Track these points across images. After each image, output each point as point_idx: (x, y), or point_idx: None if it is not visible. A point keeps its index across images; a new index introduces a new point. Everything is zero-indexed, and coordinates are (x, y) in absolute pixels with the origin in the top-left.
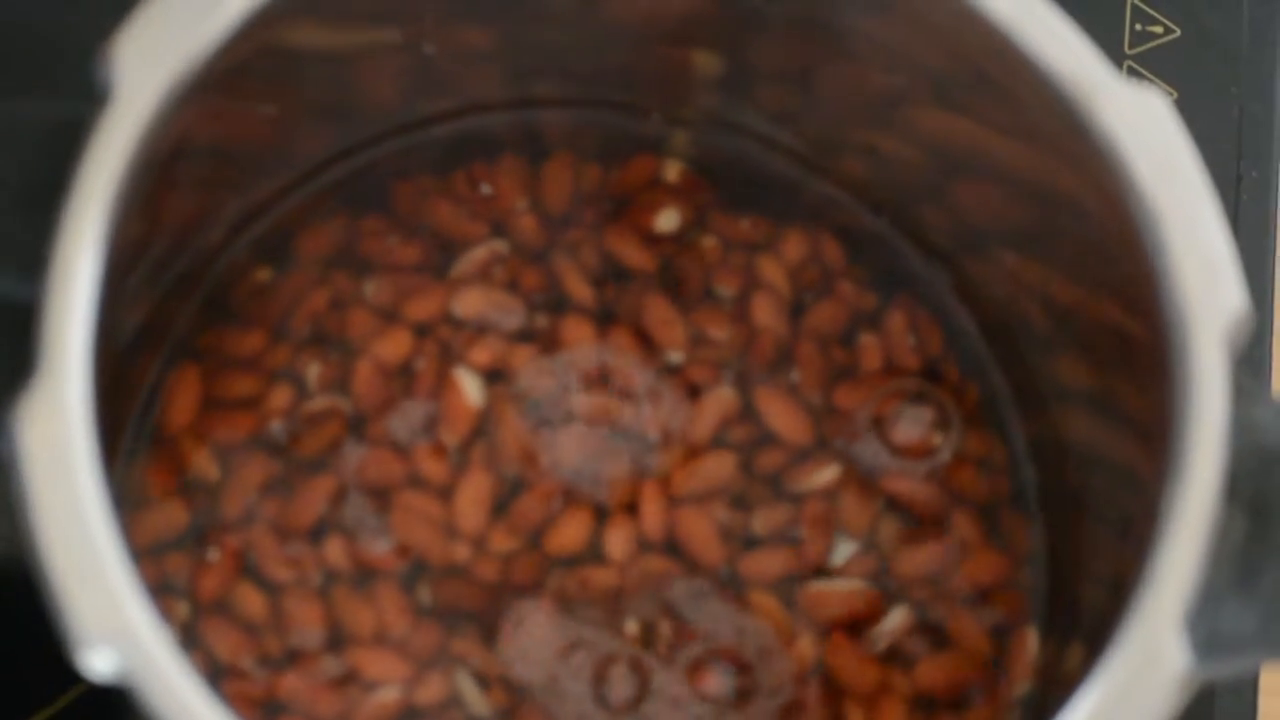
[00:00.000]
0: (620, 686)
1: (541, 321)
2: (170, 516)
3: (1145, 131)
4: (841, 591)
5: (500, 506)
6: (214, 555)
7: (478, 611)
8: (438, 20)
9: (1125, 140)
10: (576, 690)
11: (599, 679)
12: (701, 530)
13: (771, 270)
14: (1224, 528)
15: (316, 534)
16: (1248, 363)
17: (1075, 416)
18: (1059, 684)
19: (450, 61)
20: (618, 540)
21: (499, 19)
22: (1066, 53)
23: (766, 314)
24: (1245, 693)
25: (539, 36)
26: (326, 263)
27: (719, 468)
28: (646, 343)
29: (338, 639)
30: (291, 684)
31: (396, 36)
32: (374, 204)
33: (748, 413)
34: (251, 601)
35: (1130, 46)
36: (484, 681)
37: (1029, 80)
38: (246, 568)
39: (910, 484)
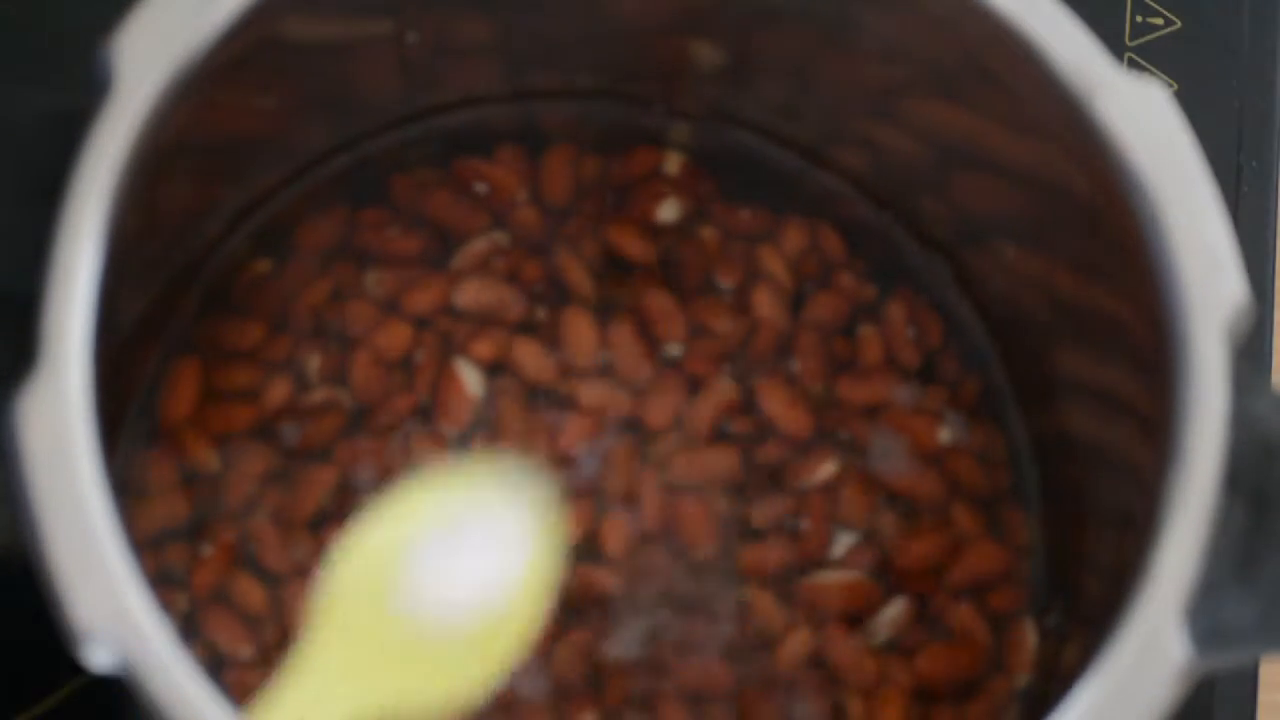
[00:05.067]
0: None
1: (542, 313)
2: (170, 507)
3: (1146, 123)
4: (841, 583)
5: None
6: (213, 547)
7: None
8: (436, 12)
9: (1126, 132)
10: (573, 684)
11: (597, 671)
12: (700, 522)
13: (772, 262)
14: (1224, 519)
15: (316, 525)
16: (1248, 354)
17: (1075, 408)
18: (1059, 675)
19: (450, 53)
20: (615, 531)
21: (499, 10)
22: (1067, 45)
23: (767, 305)
24: (1245, 685)
25: (539, 28)
26: (326, 255)
27: (719, 460)
28: (647, 334)
29: None
30: None
31: (395, 29)
32: (374, 196)
33: (748, 404)
34: (251, 592)
35: (1131, 38)
36: None
37: (1030, 72)
38: (246, 559)
39: (910, 476)
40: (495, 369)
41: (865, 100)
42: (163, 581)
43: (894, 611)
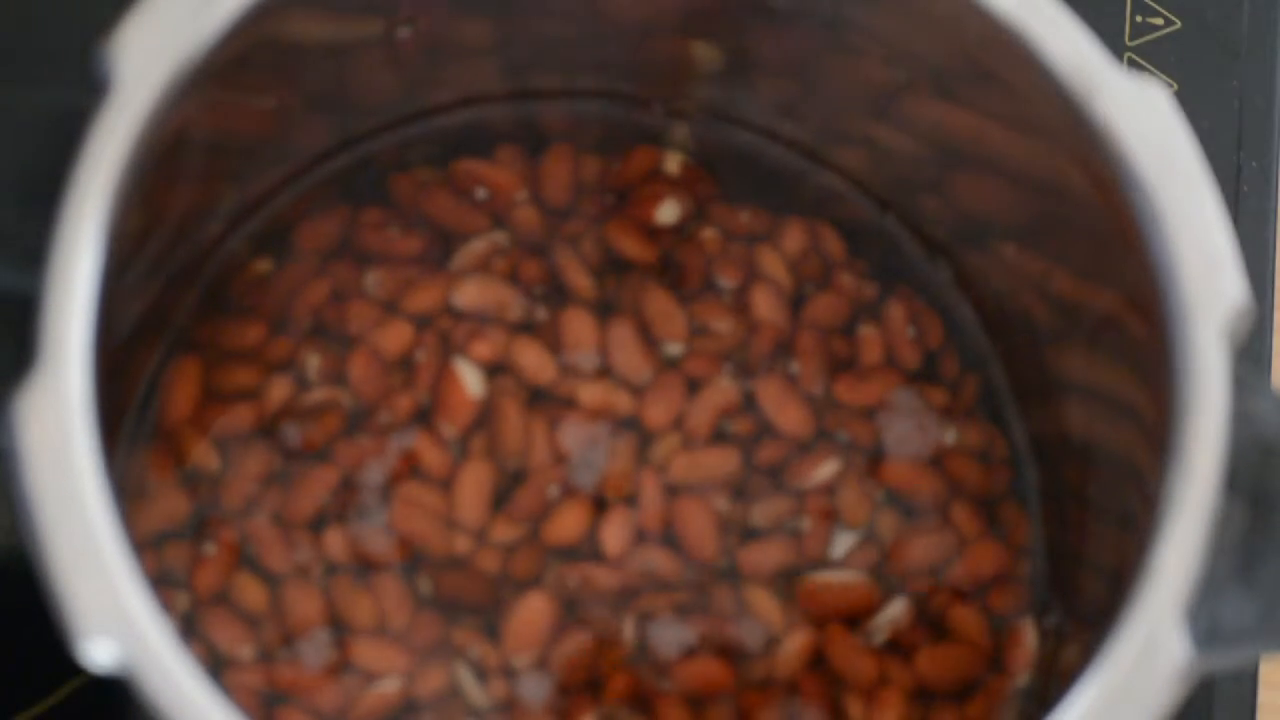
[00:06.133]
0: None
1: (542, 313)
2: (170, 507)
3: (1145, 123)
4: (840, 583)
5: (500, 498)
6: (213, 546)
7: (478, 603)
8: (435, 11)
9: (1125, 132)
10: (573, 684)
11: (596, 670)
12: (700, 522)
13: (772, 262)
14: (1224, 519)
15: (317, 525)
16: (1248, 354)
17: (1075, 408)
18: (1059, 675)
19: (449, 53)
20: (615, 531)
21: (498, 11)
22: (1067, 45)
23: (766, 306)
24: (1245, 684)
25: (538, 28)
26: (326, 255)
27: (719, 460)
28: (647, 334)
29: (338, 630)
30: (292, 675)
31: (395, 29)
32: (373, 196)
33: (748, 404)
34: (251, 592)
35: (1131, 38)
36: (483, 673)
37: (1029, 72)
38: (246, 559)
39: (910, 476)
40: (495, 369)
41: (865, 100)
42: (163, 581)
43: (894, 611)
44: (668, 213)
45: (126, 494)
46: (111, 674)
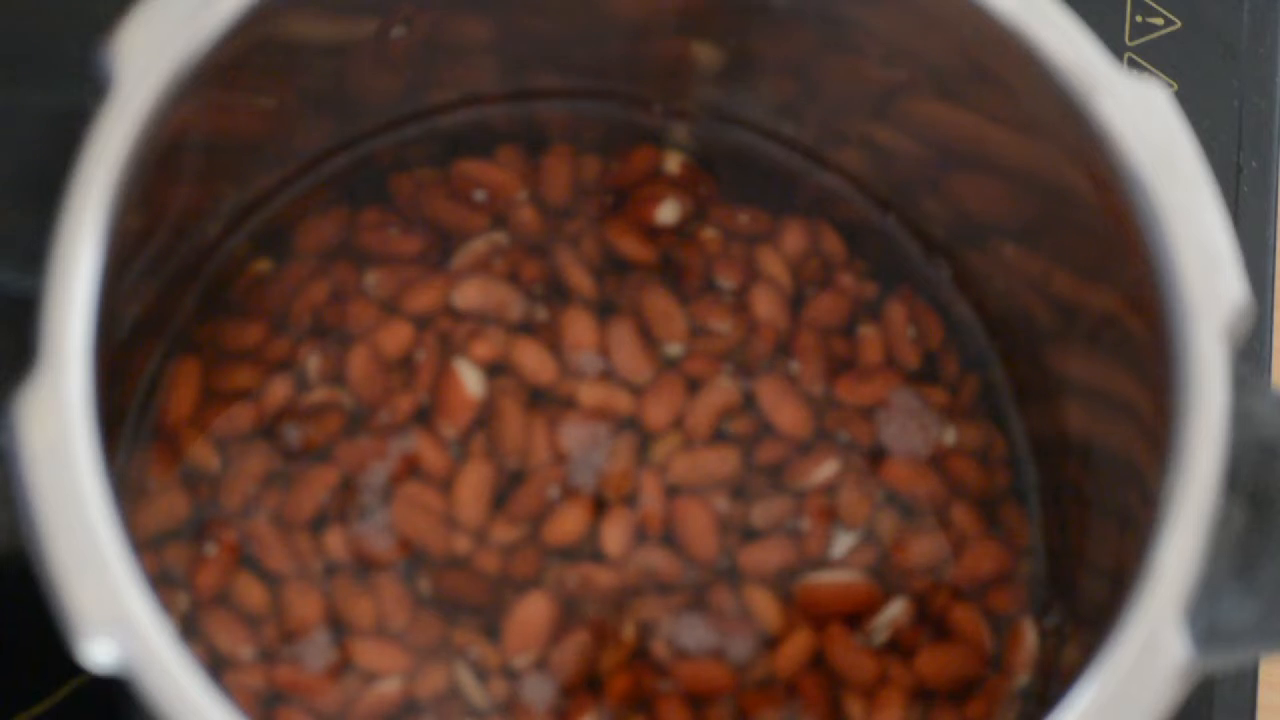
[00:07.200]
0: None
1: (542, 313)
2: (170, 507)
3: (1145, 123)
4: (840, 583)
5: (500, 498)
6: (214, 547)
7: (478, 603)
8: (434, 11)
9: (1125, 132)
10: (573, 684)
11: (595, 670)
12: (700, 522)
13: (772, 262)
14: (1224, 519)
15: (317, 525)
16: (1248, 354)
17: (1075, 408)
18: (1059, 675)
19: (449, 53)
20: (615, 531)
21: (498, 10)
22: (1067, 44)
23: (767, 306)
24: (1245, 684)
25: (538, 28)
26: (326, 255)
27: (719, 460)
28: (647, 335)
29: (338, 630)
30: (292, 675)
31: (394, 28)
32: (373, 196)
33: (748, 405)
34: (251, 592)
35: (1131, 38)
36: (483, 673)
37: (1029, 72)
38: (246, 559)
39: (910, 475)
40: (495, 369)
41: (865, 100)
42: (163, 581)
43: (894, 611)
44: (668, 213)
45: (126, 494)
46: (111, 674)
